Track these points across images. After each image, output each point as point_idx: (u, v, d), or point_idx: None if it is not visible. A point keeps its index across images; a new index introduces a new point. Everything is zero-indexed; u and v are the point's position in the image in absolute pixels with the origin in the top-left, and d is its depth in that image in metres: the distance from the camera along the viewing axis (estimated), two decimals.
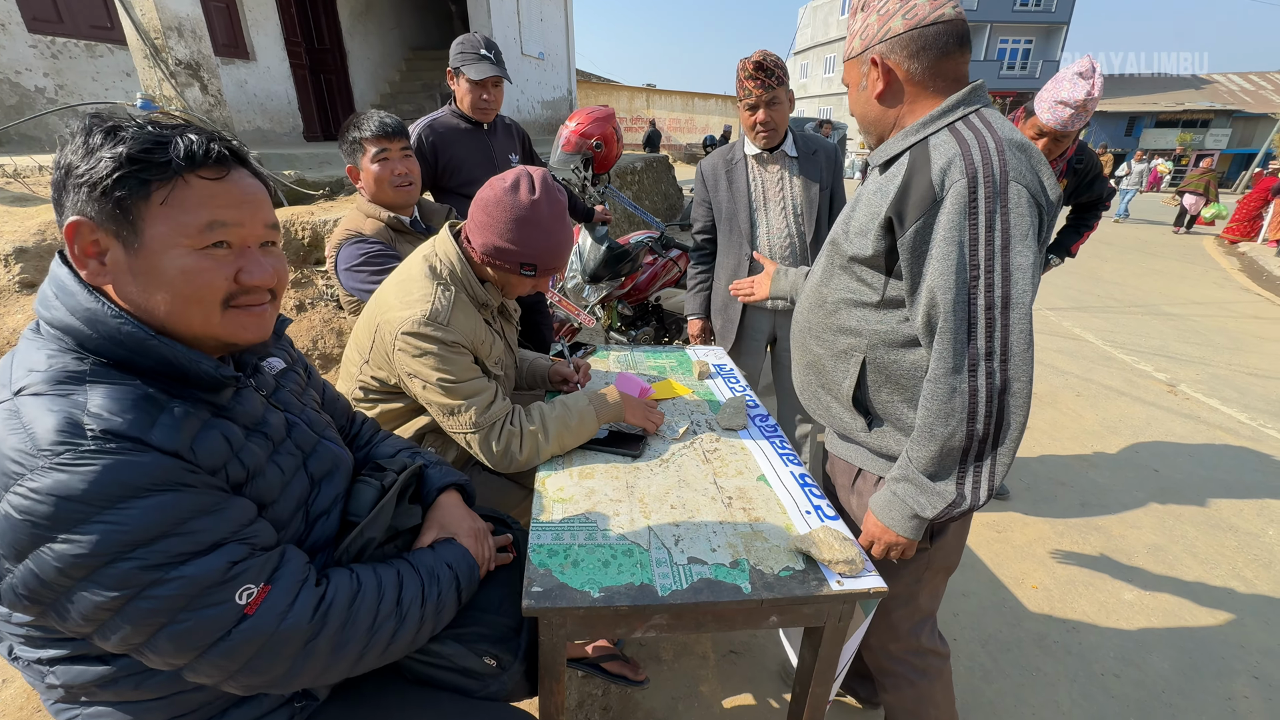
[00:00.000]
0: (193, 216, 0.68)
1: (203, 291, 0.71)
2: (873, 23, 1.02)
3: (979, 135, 0.95)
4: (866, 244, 1.04)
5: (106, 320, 0.66)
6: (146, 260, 0.68)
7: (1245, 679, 1.80)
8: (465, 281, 1.32)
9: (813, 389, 1.23)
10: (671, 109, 20.88)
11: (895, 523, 1.04)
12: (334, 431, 1.00)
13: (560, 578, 0.98)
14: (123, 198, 0.65)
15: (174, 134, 0.70)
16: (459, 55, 2.05)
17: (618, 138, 2.79)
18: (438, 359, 1.23)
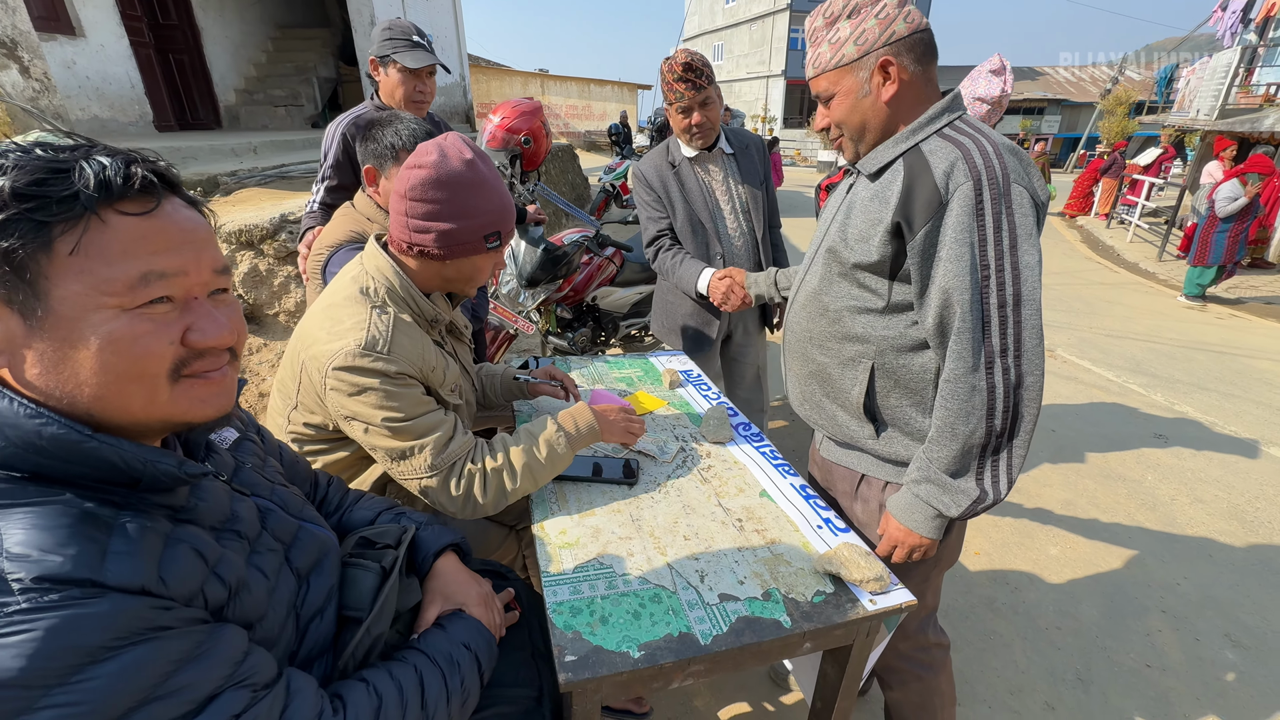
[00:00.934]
0: (118, 267, 0.52)
1: (143, 364, 0.54)
2: (871, 27, 0.99)
3: (975, 139, 0.96)
4: (871, 250, 1.03)
5: (20, 423, 0.49)
6: (57, 331, 0.51)
7: (1156, 614, 2.04)
8: (407, 298, 1.14)
9: (815, 399, 1.21)
10: (568, 95, 20.42)
11: (919, 524, 1.05)
12: (311, 508, 0.83)
13: (592, 639, 0.89)
14: (12, 250, 0.48)
15: (74, 157, 0.52)
16: (387, 42, 1.81)
17: (546, 132, 2.64)
18: (381, 395, 1.04)
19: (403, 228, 1.12)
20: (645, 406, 1.62)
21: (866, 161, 1.08)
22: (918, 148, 1.01)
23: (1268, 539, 2.46)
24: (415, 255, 1.14)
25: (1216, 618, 2.03)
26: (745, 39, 31.69)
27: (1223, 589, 2.16)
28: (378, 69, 1.86)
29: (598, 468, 1.29)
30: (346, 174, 1.87)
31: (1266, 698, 1.75)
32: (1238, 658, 1.88)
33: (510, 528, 1.45)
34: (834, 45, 1.02)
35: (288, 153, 6.03)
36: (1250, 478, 2.91)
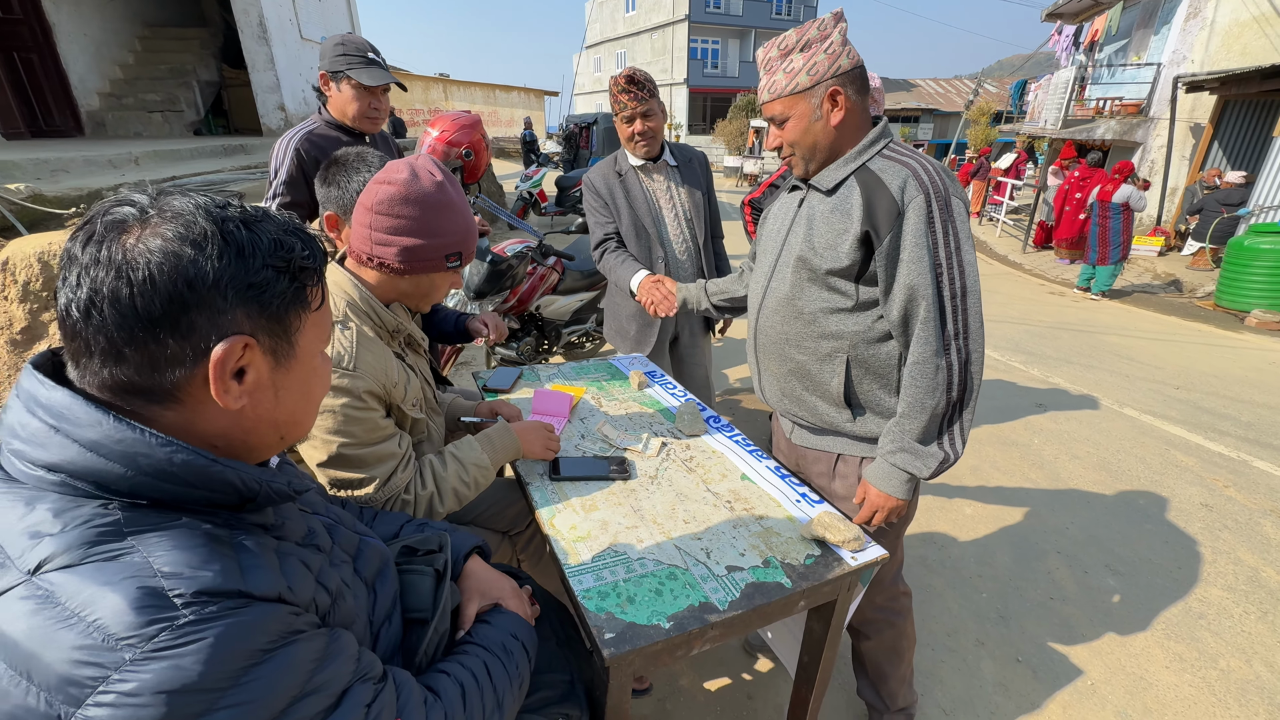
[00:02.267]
0: (329, 317, 0.67)
1: (324, 394, 0.70)
2: (821, 60, 1.14)
3: (915, 160, 1.16)
4: (840, 257, 1.18)
5: (152, 451, 0.52)
6: (293, 373, 0.62)
7: (1053, 555, 2.40)
8: (368, 309, 1.16)
9: (795, 393, 1.35)
10: (472, 101, 19.99)
11: (895, 489, 1.22)
12: (360, 522, 0.86)
13: (625, 617, 0.98)
14: (285, 309, 0.59)
15: (293, 227, 0.63)
16: (341, 58, 1.78)
17: (486, 145, 2.66)
18: (339, 419, 1.05)
19: (364, 239, 1.14)
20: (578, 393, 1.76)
21: (822, 178, 1.24)
22: (865, 167, 1.19)
23: (1130, 485, 2.94)
24: (374, 267, 1.16)
25: (1099, 553, 2.42)
26: (647, 48, 32.40)
27: (1101, 528, 2.57)
28: (328, 84, 1.83)
29: (592, 467, 1.37)
30: (301, 191, 1.82)
31: (1141, 611, 2.12)
32: (1117, 583, 2.25)
33: (504, 534, 1.49)
34: (789, 74, 1.16)
35: (175, 163, 5.54)
36: (1112, 435, 3.44)
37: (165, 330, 0.52)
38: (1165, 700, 1.78)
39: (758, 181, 14.60)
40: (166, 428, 0.55)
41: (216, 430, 0.58)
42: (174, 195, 0.55)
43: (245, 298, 0.55)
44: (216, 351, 0.54)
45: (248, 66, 7.91)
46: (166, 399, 0.54)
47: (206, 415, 0.56)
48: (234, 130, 9.12)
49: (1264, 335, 5.72)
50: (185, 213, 0.54)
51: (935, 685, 1.80)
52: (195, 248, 0.53)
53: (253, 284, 0.55)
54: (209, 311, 0.53)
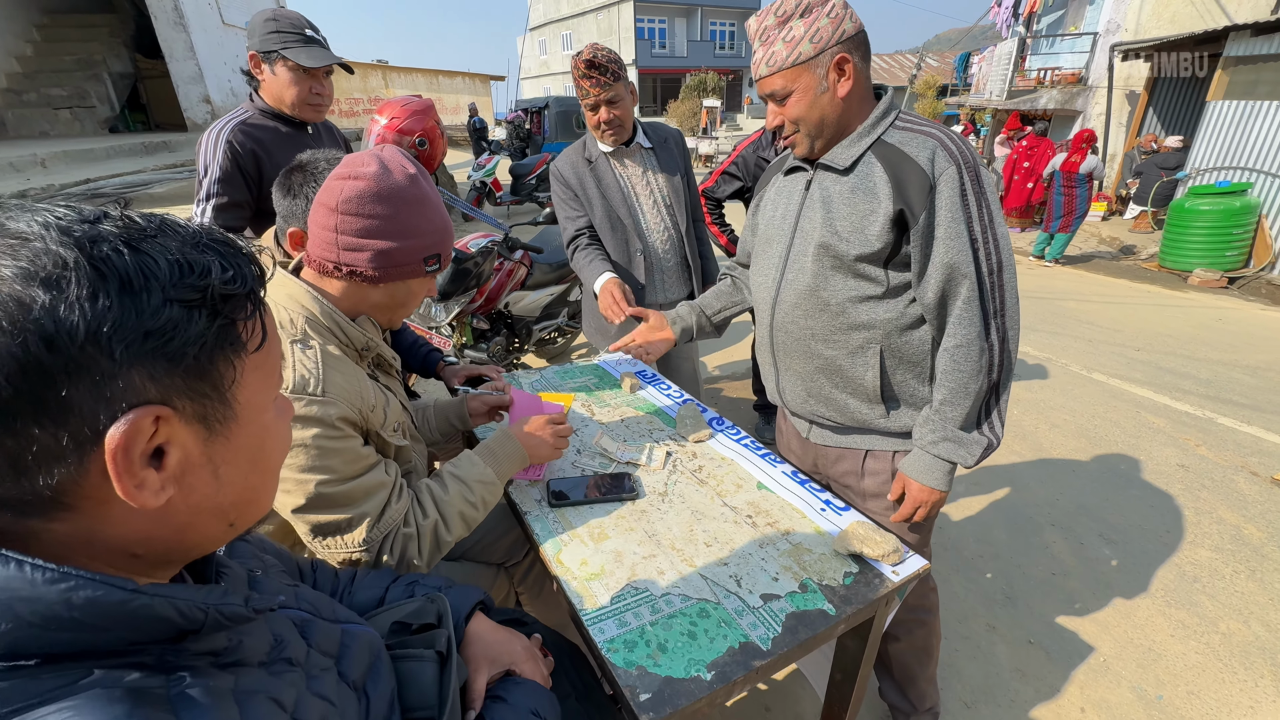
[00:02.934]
0: (276, 352, 0.49)
1: (282, 458, 0.53)
2: (825, 25, 1.03)
3: (938, 130, 1.07)
4: (870, 240, 1.08)
5: (39, 594, 0.35)
6: (235, 440, 0.45)
7: (1048, 528, 2.39)
8: (332, 326, 0.99)
9: (824, 393, 1.24)
10: (414, 87, 19.13)
11: (938, 481, 1.15)
12: (340, 605, 0.70)
13: (659, 671, 0.85)
14: (207, 358, 0.42)
15: (206, 238, 0.44)
16: (274, 36, 1.55)
17: (441, 132, 2.44)
18: (314, 453, 0.88)
19: (328, 245, 0.97)
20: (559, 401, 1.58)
21: (835, 156, 1.12)
22: (882, 140, 1.09)
23: (1109, 449, 2.98)
24: (342, 277, 1.00)
25: (1090, 522, 2.43)
26: (593, 28, 31.74)
27: (1089, 497, 2.59)
28: (259, 66, 1.60)
29: (596, 488, 1.23)
30: (239, 189, 1.59)
31: (1139, 580, 2.12)
32: (1113, 552, 2.26)
33: (499, 566, 1.34)
34: (789, 43, 1.04)
35: (89, 165, 5.04)
36: (1085, 401, 3.50)
37: (23, 417, 0.34)
38: (1175, 670, 1.78)
39: (712, 163, 14.45)
40: (55, 546, 0.38)
41: (134, 535, 0.41)
42: (13, 210, 0.38)
43: (144, 352, 0.38)
44: (113, 435, 0.37)
45: (165, 56, 7.29)
46: (50, 508, 0.38)
47: (115, 519, 0.40)
48: (154, 126, 8.45)
49: (1206, 293, 5.98)
50: (29, 235, 0.36)
51: (954, 677, 1.75)
52: (50, 288, 0.35)
53: (152, 331, 0.38)
54: (89, 380, 0.36)
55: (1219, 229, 6.17)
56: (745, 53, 32.28)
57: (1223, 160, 6.75)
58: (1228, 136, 6.68)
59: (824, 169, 1.16)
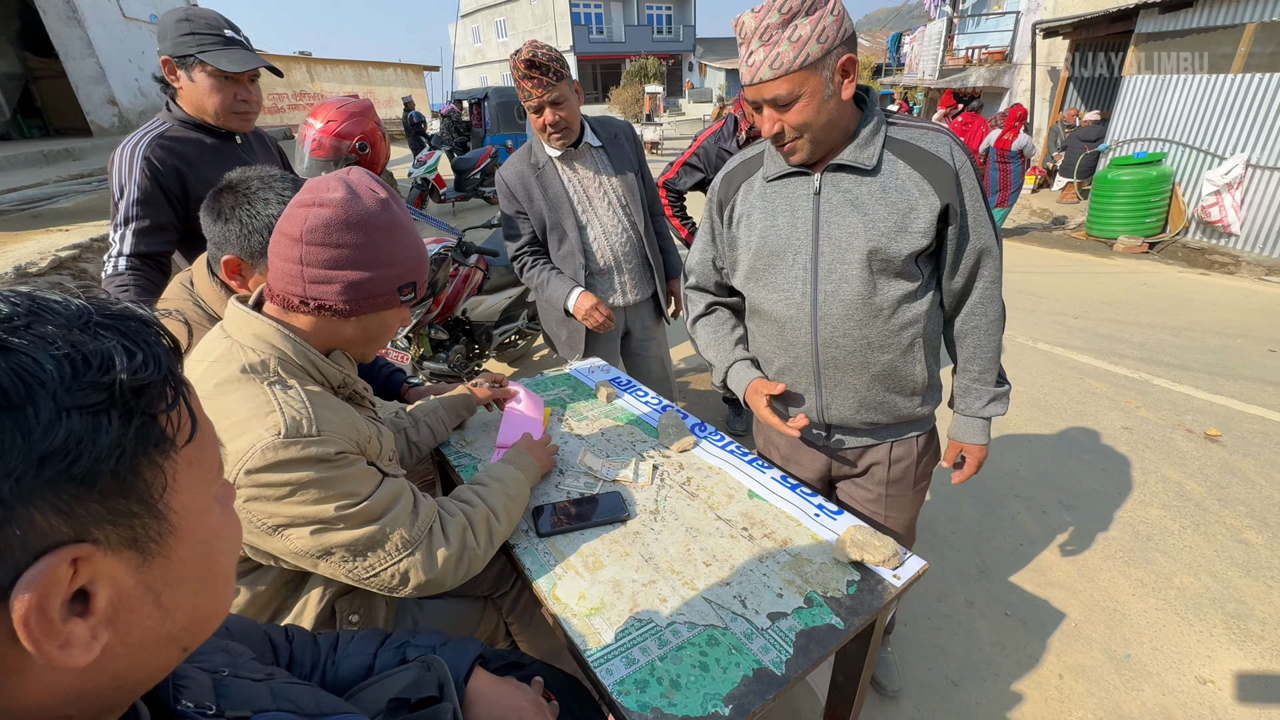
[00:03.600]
0: (210, 438, 0.41)
1: (232, 559, 0.44)
2: (830, 24, 0.98)
3: (935, 125, 1.11)
4: (917, 238, 1.09)
5: None
6: (177, 556, 0.37)
7: (1012, 500, 2.49)
8: (305, 364, 0.92)
9: (878, 400, 1.23)
10: (343, 81, 18.22)
11: (988, 437, 1.29)
12: (325, 694, 0.62)
13: (674, 710, 0.81)
14: (127, 469, 0.33)
15: (96, 312, 0.35)
16: (188, 38, 1.39)
17: (383, 134, 2.30)
18: (324, 484, 0.84)
19: (294, 278, 0.90)
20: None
21: (858, 157, 1.10)
22: (890, 137, 1.11)
23: (1059, 417, 3.12)
24: (309, 311, 0.92)
25: (1050, 490, 2.53)
26: (527, 14, 30.96)
27: (1046, 465, 2.70)
28: (175, 72, 1.44)
29: (585, 512, 1.18)
30: (161, 210, 1.44)
31: (1099, 543, 2.23)
32: (1073, 518, 2.37)
33: (485, 599, 1.28)
34: (796, 44, 0.98)
35: None
36: (1033, 370, 3.66)
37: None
38: (1139, 628, 1.87)
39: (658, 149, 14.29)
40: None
41: (61, 698, 0.33)
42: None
43: (42, 483, 0.30)
44: (21, 599, 0.29)
45: (59, 54, 6.66)
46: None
47: (33, 688, 0.32)
48: (53, 131, 7.73)
49: (1130, 259, 6.36)
50: None
51: (938, 656, 1.80)
52: None
53: (49, 454, 0.30)
54: (16, 520, 0.28)
55: (1138, 197, 6.55)
56: (683, 36, 32.18)
57: (1139, 132, 7.16)
58: (1142, 109, 7.08)
59: (841, 171, 1.12)
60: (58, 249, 2.66)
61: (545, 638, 1.32)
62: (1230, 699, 1.64)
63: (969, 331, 1.21)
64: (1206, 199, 6.02)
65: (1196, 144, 6.38)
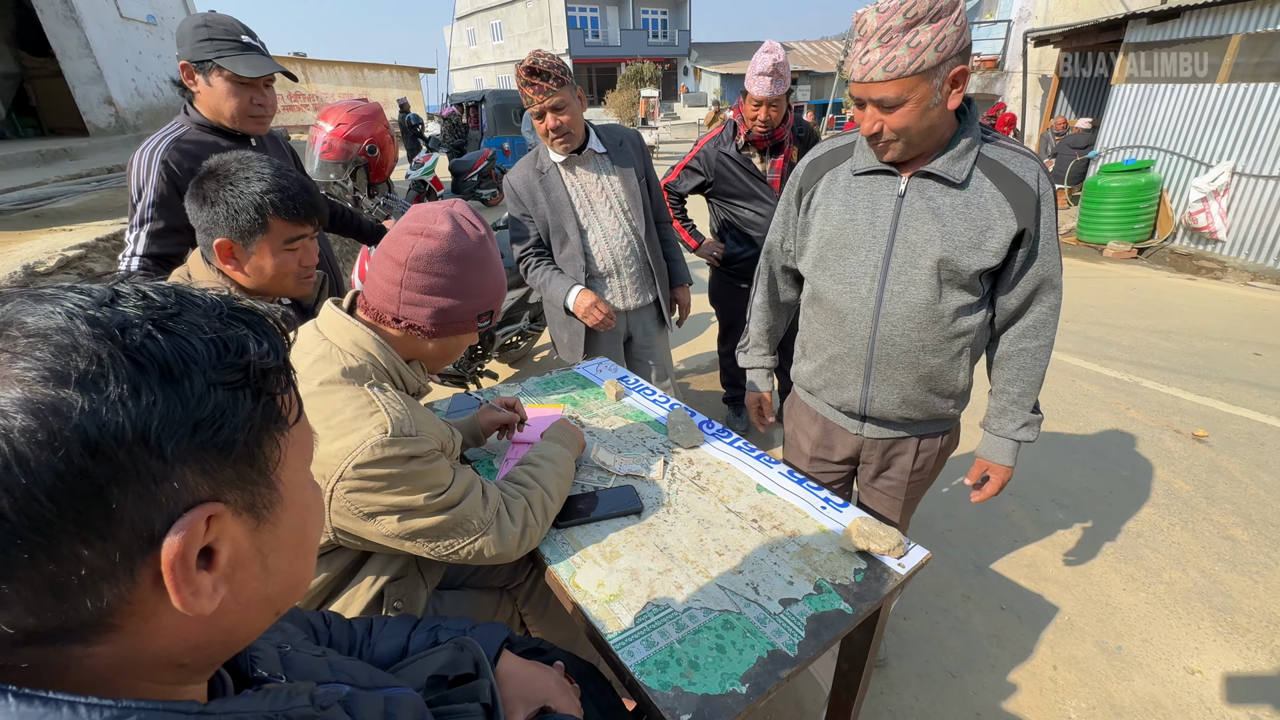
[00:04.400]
0: (308, 426, 0.46)
1: (319, 534, 0.49)
2: (951, 34, 0.99)
3: (1028, 150, 1.14)
4: (988, 256, 1.13)
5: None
6: (282, 525, 0.42)
7: (1008, 498, 2.55)
8: (392, 370, 1.01)
9: (919, 399, 1.29)
10: (339, 82, 18.20)
11: (1015, 459, 1.32)
12: (377, 670, 0.66)
13: (695, 689, 0.86)
14: (254, 442, 0.38)
15: (232, 307, 0.40)
16: (206, 44, 1.42)
17: (391, 137, 2.34)
18: (417, 478, 0.93)
19: (391, 298, 0.99)
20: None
21: (950, 169, 1.12)
22: (983, 155, 1.13)
23: (1051, 417, 3.18)
24: (398, 328, 1.01)
25: (1044, 489, 2.60)
26: (523, 17, 31.03)
27: (1040, 464, 2.77)
28: (192, 76, 1.47)
29: (600, 505, 1.22)
30: (177, 212, 1.46)
31: (1091, 539, 2.29)
32: (1065, 516, 2.43)
33: (501, 589, 1.31)
34: (914, 50, 0.98)
35: None
36: None
37: (69, 536, 0.31)
38: (1130, 622, 1.93)
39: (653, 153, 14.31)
40: (98, 673, 0.34)
41: (182, 646, 0.37)
42: (22, 300, 0.33)
43: (194, 446, 0.34)
44: (171, 544, 0.33)
45: (55, 53, 6.65)
46: (92, 632, 0.33)
47: (163, 632, 0.36)
48: (49, 131, 7.70)
49: (1120, 264, 6.47)
50: (52, 331, 0.31)
51: (937, 649, 1.84)
52: (87, 389, 0.31)
53: (201, 422, 0.34)
54: (139, 486, 0.32)
55: (1127, 204, 6.67)
56: (679, 41, 32.33)
57: (1128, 140, 7.29)
58: (1131, 118, 7.21)
59: (929, 179, 1.15)
60: (64, 249, 2.67)
61: (559, 628, 1.35)
62: (1217, 688, 1.70)
63: (1015, 354, 1.24)
64: (1194, 206, 6.15)
65: (1184, 152, 6.51)
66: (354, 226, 2.17)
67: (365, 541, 0.98)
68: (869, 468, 1.47)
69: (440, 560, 1.00)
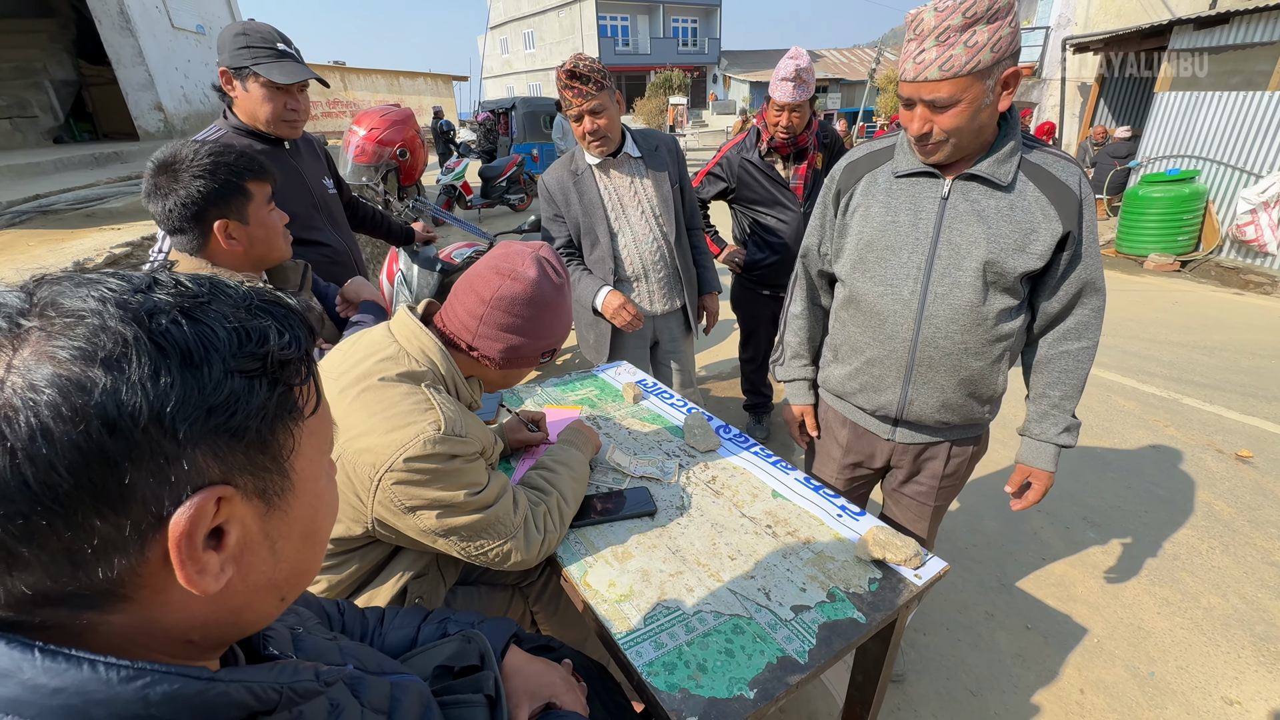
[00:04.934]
0: (328, 418, 0.47)
1: (332, 523, 0.50)
2: (1006, 36, 0.98)
3: (1068, 155, 1.14)
4: (1032, 259, 1.13)
5: (115, 694, 0.33)
6: (292, 513, 0.43)
7: (1036, 515, 2.47)
8: (451, 382, 1.04)
9: (958, 402, 1.28)
10: (375, 90, 18.71)
11: (1056, 464, 1.30)
12: (384, 656, 0.68)
13: (702, 692, 0.85)
14: (267, 429, 0.39)
15: (259, 300, 0.42)
16: (244, 51, 1.49)
17: (422, 141, 2.39)
18: (459, 473, 0.96)
19: (468, 329, 1.05)
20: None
21: (995, 171, 1.12)
22: (1025, 159, 1.13)
23: (1085, 434, 3.08)
24: (468, 354, 1.07)
25: (1074, 506, 2.51)
26: (555, 26, 31.48)
27: (1070, 481, 2.68)
28: (231, 82, 1.53)
29: (613, 505, 1.23)
30: None
31: (1124, 560, 2.21)
32: (1097, 535, 2.35)
33: (513, 587, 1.33)
34: (970, 49, 0.98)
35: (36, 179, 4.80)
36: None
37: (84, 508, 0.32)
38: (1164, 646, 1.85)
39: None
40: (113, 639, 0.36)
41: (191, 622, 0.39)
42: (62, 285, 0.35)
43: (207, 429, 0.36)
44: (177, 522, 0.34)
45: (111, 62, 6.98)
46: (106, 601, 0.35)
47: (172, 606, 0.37)
48: (103, 135, 8.08)
49: (1161, 277, 6.25)
50: (86, 313, 0.33)
51: (958, 667, 1.80)
52: (112, 369, 0.33)
53: (215, 406, 0.36)
54: (152, 464, 0.34)
55: (1170, 215, 6.44)
56: (708, 49, 32.42)
57: (1171, 149, 7.05)
58: (1176, 126, 6.98)
59: (973, 181, 1.14)
60: (111, 246, 2.80)
61: (570, 627, 1.36)
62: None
63: (1056, 357, 1.24)
64: (1242, 217, 5.91)
65: (1232, 162, 6.27)
66: (384, 228, 2.22)
67: (401, 536, 1.01)
68: (899, 473, 1.45)
69: (470, 560, 1.02)
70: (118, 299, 0.35)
